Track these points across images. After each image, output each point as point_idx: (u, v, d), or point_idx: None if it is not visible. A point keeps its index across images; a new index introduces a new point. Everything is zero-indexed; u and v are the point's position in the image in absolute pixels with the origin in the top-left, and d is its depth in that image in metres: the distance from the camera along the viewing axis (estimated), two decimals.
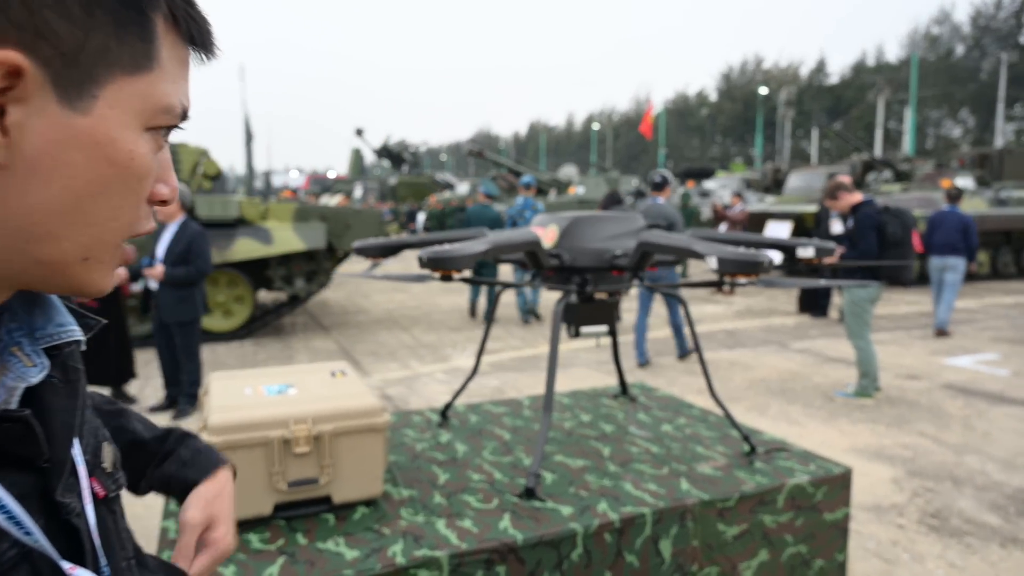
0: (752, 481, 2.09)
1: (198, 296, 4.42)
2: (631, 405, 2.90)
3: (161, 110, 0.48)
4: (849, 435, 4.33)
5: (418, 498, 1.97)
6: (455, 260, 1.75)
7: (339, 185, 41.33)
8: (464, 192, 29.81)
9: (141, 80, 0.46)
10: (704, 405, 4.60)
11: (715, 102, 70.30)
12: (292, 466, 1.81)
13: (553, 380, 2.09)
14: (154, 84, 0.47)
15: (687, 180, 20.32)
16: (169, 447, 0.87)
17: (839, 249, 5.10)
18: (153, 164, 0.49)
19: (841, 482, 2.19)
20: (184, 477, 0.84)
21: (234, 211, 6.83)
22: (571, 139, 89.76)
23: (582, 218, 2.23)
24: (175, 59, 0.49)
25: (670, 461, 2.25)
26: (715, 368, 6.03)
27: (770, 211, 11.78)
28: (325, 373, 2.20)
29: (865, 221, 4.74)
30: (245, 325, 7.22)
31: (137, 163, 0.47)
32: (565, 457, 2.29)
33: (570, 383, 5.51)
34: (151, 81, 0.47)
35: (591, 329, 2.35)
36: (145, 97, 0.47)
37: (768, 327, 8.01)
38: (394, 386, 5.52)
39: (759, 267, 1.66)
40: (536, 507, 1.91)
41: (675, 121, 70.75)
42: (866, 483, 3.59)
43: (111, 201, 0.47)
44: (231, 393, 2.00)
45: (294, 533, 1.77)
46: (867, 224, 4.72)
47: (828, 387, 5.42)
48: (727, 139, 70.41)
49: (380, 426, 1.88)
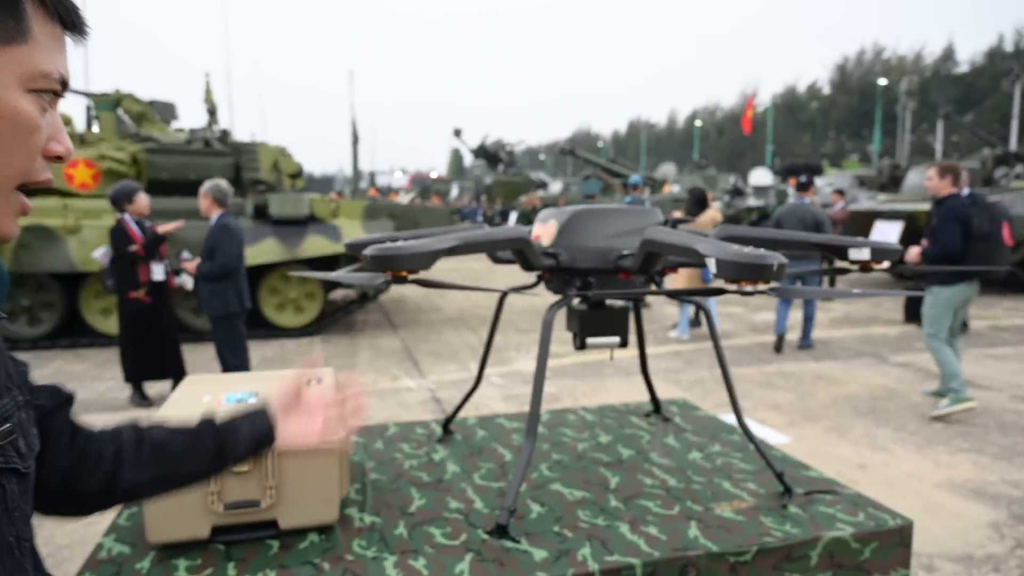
0: (780, 531, 1.72)
1: (231, 291, 4.41)
2: (662, 426, 2.56)
3: (39, 75, 0.59)
4: (945, 466, 3.75)
5: (379, 527, 1.75)
6: (405, 259, 1.51)
7: (437, 185, 42.16)
8: (557, 191, 29.59)
9: (17, 50, 0.58)
10: (773, 428, 4.14)
11: (828, 95, 66.35)
12: (230, 486, 1.63)
13: (539, 399, 1.80)
14: (29, 54, 0.58)
15: (789, 178, 19.12)
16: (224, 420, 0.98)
17: (915, 249, 4.59)
18: (41, 122, 0.61)
19: (898, 538, 1.78)
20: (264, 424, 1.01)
21: (305, 208, 6.90)
22: (673, 137, 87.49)
23: (584, 212, 1.93)
24: (48, 35, 0.60)
25: (685, 498, 1.91)
26: (796, 382, 5.48)
27: (877, 210, 10.79)
28: (300, 380, 2.02)
29: (948, 213, 4.41)
30: (315, 322, 7.29)
31: (23, 117, 0.59)
32: (563, 486, 2.00)
33: (626, 395, 5.16)
34: (26, 51, 0.58)
35: (600, 340, 2.04)
36: (22, 64, 0.58)
37: (866, 337, 7.27)
38: (446, 389, 5.35)
39: (765, 271, 1.32)
40: (506, 548, 1.64)
41: (783, 117, 67.38)
42: (958, 527, 3.06)
43: (1, 148, 0.58)
44: (188, 400, 1.86)
45: (227, 562, 1.58)
46: (950, 216, 4.39)
47: (927, 408, 4.78)
48: (841, 135, 66.31)
49: (332, 444, 1.67)
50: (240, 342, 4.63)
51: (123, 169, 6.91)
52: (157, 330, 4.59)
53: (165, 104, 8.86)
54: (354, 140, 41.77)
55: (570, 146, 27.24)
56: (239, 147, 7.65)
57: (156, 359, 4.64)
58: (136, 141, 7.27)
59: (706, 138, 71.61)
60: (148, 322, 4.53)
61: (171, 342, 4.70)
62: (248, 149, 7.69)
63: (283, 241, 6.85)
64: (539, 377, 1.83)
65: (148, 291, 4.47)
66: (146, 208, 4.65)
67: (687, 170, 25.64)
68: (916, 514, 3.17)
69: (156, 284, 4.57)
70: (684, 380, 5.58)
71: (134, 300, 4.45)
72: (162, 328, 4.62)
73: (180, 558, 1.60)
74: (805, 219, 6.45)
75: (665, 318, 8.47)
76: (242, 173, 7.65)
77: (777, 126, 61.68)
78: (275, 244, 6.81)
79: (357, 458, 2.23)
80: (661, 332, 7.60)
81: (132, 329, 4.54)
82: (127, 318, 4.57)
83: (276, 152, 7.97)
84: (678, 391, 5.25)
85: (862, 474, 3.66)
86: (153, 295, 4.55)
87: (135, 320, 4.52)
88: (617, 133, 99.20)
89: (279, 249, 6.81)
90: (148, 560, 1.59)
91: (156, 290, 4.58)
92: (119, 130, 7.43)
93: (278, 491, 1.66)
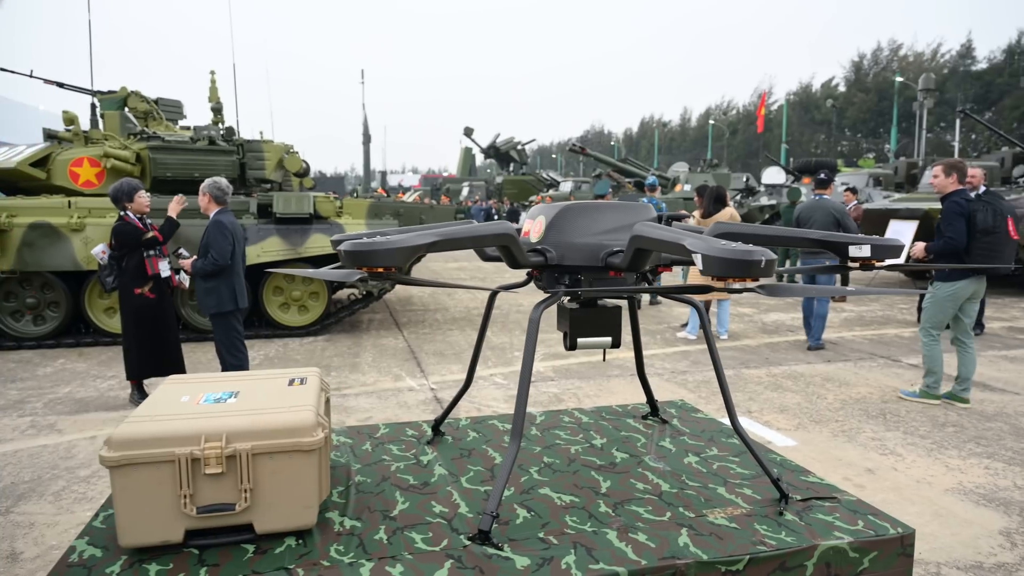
0: (774, 539, 1.65)
1: (224, 289, 4.38)
2: (660, 428, 2.49)
3: None
4: (957, 471, 3.65)
5: (359, 532, 1.70)
6: (379, 255, 1.45)
7: (449, 184, 42.20)
8: (567, 190, 29.47)
9: None
10: (777, 430, 4.07)
11: (843, 93, 65.62)
12: (205, 488, 1.58)
13: (524, 400, 1.74)
14: None
15: (802, 177, 18.90)
16: None
17: (920, 245, 4.63)
18: None
19: (899, 547, 1.71)
20: None
21: (308, 207, 6.87)
22: (686, 136, 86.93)
23: (572, 207, 1.87)
24: None
25: (678, 504, 1.84)
26: (805, 384, 5.38)
27: (892, 208, 10.63)
28: (283, 381, 1.97)
29: (952, 208, 4.47)
30: (319, 321, 7.26)
31: None
32: (552, 491, 1.94)
33: (632, 396, 5.07)
34: None
35: (591, 341, 1.98)
36: None
37: (879, 339, 7.14)
38: (448, 389, 5.30)
39: (751, 267, 1.25)
40: (488, 554, 1.58)
41: (798, 115, 66.75)
42: (968, 534, 2.97)
43: None
44: (165, 400, 1.81)
45: (199, 567, 1.53)
46: (954, 211, 4.46)
47: (940, 410, 4.67)
48: (857, 133, 65.59)
49: (309, 446, 1.62)
50: (237, 340, 4.60)
51: (127, 167, 6.91)
52: (161, 327, 4.56)
53: (172, 102, 8.87)
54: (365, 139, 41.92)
55: (580, 144, 27.12)
56: (244, 145, 7.64)
57: (159, 356, 4.62)
58: (141, 139, 7.27)
59: (719, 137, 71.12)
60: (152, 319, 4.50)
61: (173, 339, 4.68)
62: (253, 147, 7.68)
63: (287, 239, 6.82)
64: (524, 377, 1.77)
65: (152, 288, 4.45)
66: (146, 206, 4.63)
67: (699, 168, 25.40)
68: (924, 520, 3.08)
69: (160, 280, 4.55)
70: (691, 381, 5.50)
71: (139, 296, 4.43)
72: (166, 325, 4.59)
73: (152, 563, 1.55)
74: (825, 217, 6.37)
75: (674, 318, 8.38)
76: (247, 171, 7.64)
77: (791, 124, 61.10)
78: (279, 242, 6.79)
79: (344, 460, 2.18)
80: (670, 332, 7.50)
81: (136, 326, 4.52)
82: (132, 314, 4.55)
83: (281, 150, 7.95)
84: (684, 392, 5.17)
85: (869, 479, 3.56)
86: (156, 291, 4.52)
87: (139, 316, 4.50)
88: (629, 132, 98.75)
89: (283, 247, 6.79)
90: (119, 564, 1.54)
91: (159, 286, 4.56)
92: (124, 128, 7.44)
93: (253, 494, 1.61)
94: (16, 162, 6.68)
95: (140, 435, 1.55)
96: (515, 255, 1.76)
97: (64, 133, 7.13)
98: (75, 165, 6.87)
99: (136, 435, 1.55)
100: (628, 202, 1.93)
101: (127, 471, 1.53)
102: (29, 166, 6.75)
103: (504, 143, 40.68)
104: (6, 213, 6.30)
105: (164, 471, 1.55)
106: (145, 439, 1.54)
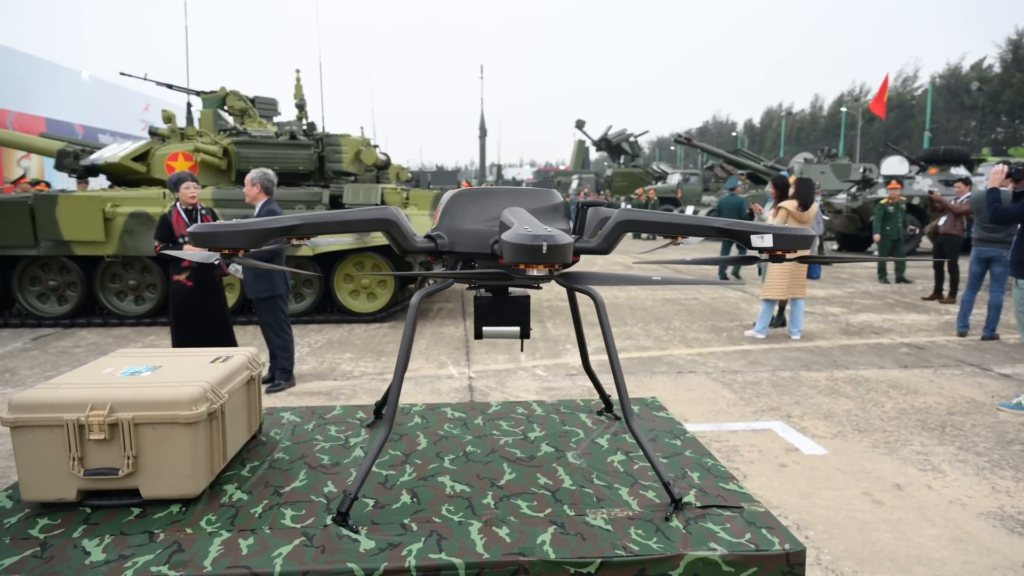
0: (638, 544, 1.56)
1: (277, 273, 4.62)
2: (607, 425, 2.40)
3: None
4: (1003, 493, 3.25)
5: (240, 505, 1.77)
6: (221, 237, 1.50)
7: (559, 177, 42.16)
8: (675, 182, 28.64)
9: None
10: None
11: (998, 74, 59.25)
12: (92, 453, 1.71)
13: (399, 388, 1.74)
14: None
15: (929, 167, 17.29)
16: None
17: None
18: None
19: (784, 565, 1.55)
20: None
21: (376, 198, 7.13)
22: (816, 124, 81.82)
23: (463, 193, 1.84)
24: None
25: (567, 502, 1.78)
26: (866, 390, 4.96)
27: None
28: (208, 357, 2.08)
29: None
30: (385, 308, 7.52)
31: None
32: (451, 479, 1.92)
33: (672, 395, 4.91)
34: None
35: (497, 330, 1.94)
36: None
37: (975, 345, 6.45)
38: (485, 378, 5.34)
39: (534, 253, 1.19)
40: (341, 535, 1.60)
41: (944, 100, 61.07)
42: (983, 564, 2.64)
43: None
44: (89, 371, 1.97)
45: (82, 524, 1.66)
46: None
47: (1017, 427, 4.16)
48: (1016, 119, 59.05)
49: (187, 419, 1.71)
50: (284, 323, 4.86)
51: (215, 161, 7.48)
52: (200, 311, 4.81)
53: (267, 100, 9.47)
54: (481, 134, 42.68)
55: (687, 135, 26.26)
56: (323, 139, 8.03)
57: (194, 340, 4.80)
58: (229, 135, 7.83)
59: (853, 125, 66.38)
60: (187, 304, 4.77)
61: (217, 325, 4.85)
62: (331, 141, 8.05)
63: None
64: (401, 363, 1.76)
65: (189, 276, 4.73)
66: (191, 197, 4.77)
67: (815, 160, 23.86)
68: (939, 545, 2.78)
69: (199, 268, 4.75)
70: (738, 381, 5.22)
71: (176, 283, 4.75)
72: (205, 309, 4.82)
73: (44, 517, 1.70)
74: None
75: (745, 315, 7.97)
76: (325, 164, 8.02)
77: (936, 110, 56.02)
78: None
79: (278, 437, 2.27)
80: (738, 331, 7.15)
81: (174, 309, 4.84)
82: (171, 299, 4.86)
83: (358, 143, 8.28)
84: (726, 392, 4.92)
85: (893, 495, 3.24)
86: (195, 279, 4.73)
87: (175, 302, 4.79)
88: (750, 122, 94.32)
89: (351, 237, 7.09)
90: (16, 517, 1.70)
91: (199, 274, 4.75)
92: (216, 125, 8.04)
93: (137, 462, 1.72)
94: (120, 157, 7.40)
95: (36, 400, 1.69)
96: (399, 240, 1.76)
97: (163, 130, 7.81)
98: (171, 159, 7.51)
99: (33, 400, 1.69)
100: (524, 188, 1.88)
101: (24, 432, 1.68)
102: (131, 160, 7.46)
103: (616, 135, 40.12)
104: (111, 203, 6.99)
105: (56, 435, 1.69)
106: (40, 404, 1.69)
